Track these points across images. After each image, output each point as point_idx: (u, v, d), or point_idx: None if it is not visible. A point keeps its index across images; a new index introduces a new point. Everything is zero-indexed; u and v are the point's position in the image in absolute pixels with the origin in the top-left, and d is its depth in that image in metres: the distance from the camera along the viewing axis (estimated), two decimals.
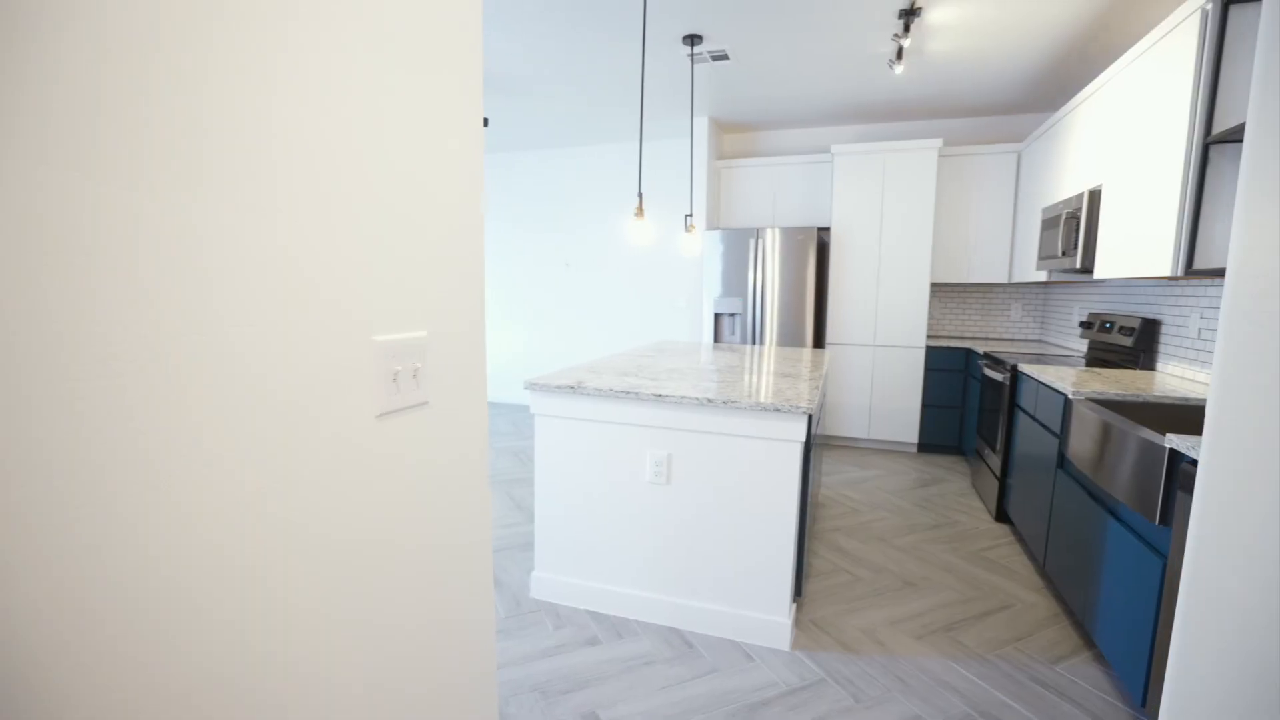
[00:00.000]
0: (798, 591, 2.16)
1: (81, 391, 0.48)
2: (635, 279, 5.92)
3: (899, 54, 3.32)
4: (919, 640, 2.16)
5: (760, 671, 1.98)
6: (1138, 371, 2.86)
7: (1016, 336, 4.83)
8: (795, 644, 2.13)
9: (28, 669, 0.45)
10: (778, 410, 1.98)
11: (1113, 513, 1.98)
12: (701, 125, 4.86)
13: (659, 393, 2.12)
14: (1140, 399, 2.25)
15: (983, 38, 3.24)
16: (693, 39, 3.29)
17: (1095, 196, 2.94)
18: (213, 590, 0.59)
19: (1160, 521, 1.64)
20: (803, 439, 2.00)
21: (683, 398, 2.08)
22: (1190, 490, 1.51)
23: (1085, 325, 3.52)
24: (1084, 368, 3.03)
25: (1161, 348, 2.86)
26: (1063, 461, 2.44)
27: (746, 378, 2.47)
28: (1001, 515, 3.27)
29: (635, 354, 3.18)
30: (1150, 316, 2.96)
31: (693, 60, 3.51)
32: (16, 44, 0.43)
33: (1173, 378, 2.67)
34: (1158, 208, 2.38)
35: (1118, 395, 2.27)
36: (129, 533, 0.52)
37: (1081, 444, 2.20)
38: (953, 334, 5.01)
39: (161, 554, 0.54)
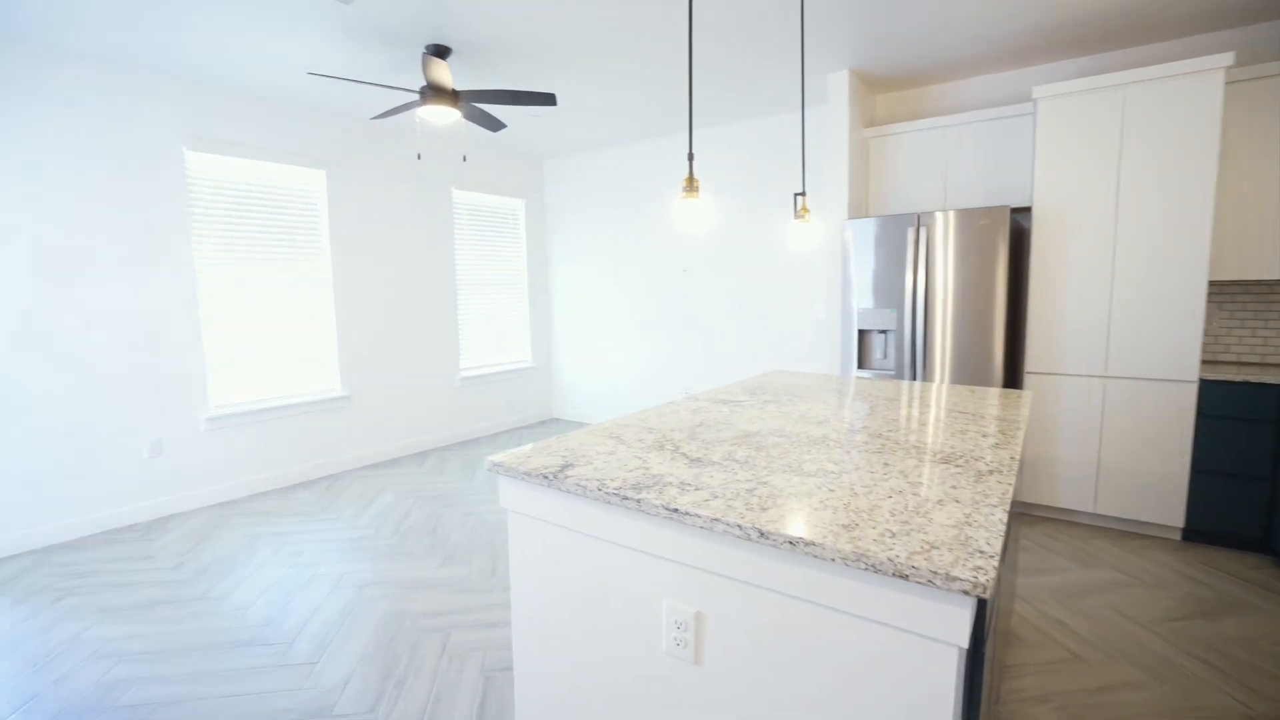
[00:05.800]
0: None
1: None
2: (769, 286, 4.85)
3: None
4: None
5: None
6: None
7: None
8: None
9: None
10: (905, 578, 0.92)
11: None
12: (840, 82, 3.69)
13: (675, 505, 1.15)
14: None
15: None
16: None
17: None
18: None
19: None
20: (964, 640, 0.91)
21: (714, 522, 1.09)
22: None
23: None
24: None
25: None
26: None
27: (874, 465, 1.39)
28: None
29: (718, 398, 2.19)
30: None
31: None
32: None
33: None
34: None
35: None
36: None
37: None
38: (1247, 359, 3.27)
39: None
